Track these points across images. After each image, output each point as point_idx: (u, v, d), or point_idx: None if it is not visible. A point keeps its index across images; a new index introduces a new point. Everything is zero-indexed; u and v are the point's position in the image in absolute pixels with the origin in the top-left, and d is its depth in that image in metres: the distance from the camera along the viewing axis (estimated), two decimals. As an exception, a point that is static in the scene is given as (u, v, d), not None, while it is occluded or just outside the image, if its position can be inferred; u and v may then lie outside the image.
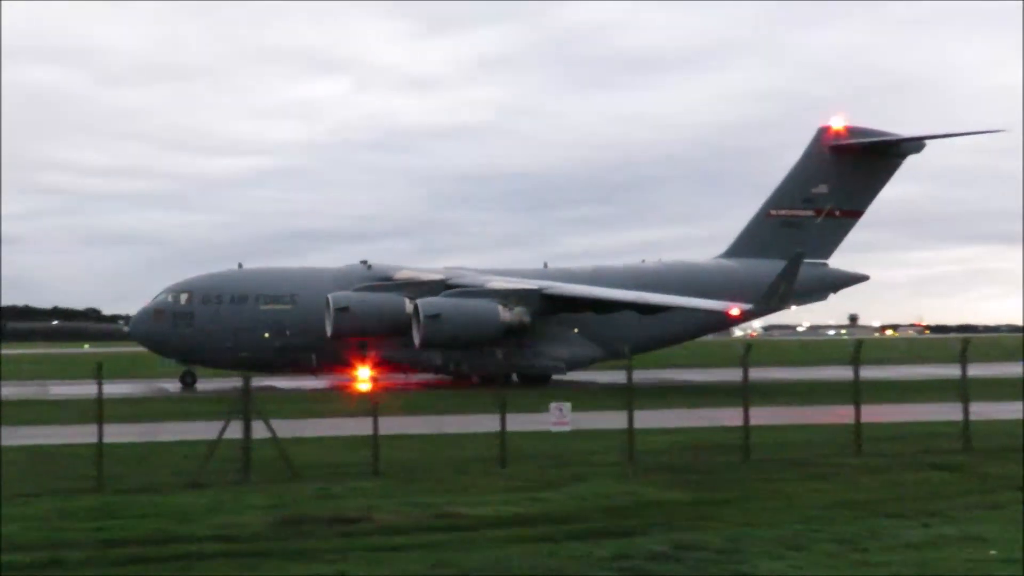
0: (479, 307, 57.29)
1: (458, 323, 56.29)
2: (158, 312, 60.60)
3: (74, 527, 18.38)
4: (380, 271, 62.16)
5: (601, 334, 62.06)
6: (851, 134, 67.04)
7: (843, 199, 67.40)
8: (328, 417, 39.27)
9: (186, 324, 59.86)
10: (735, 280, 65.00)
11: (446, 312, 56.40)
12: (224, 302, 60.40)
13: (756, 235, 67.89)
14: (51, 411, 43.39)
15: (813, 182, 67.19)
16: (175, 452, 28.63)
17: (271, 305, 60.43)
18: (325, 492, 21.74)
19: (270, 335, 59.93)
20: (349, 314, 57.33)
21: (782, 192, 68.13)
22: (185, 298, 60.36)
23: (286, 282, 61.59)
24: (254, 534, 17.79)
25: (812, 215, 67.18)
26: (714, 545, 16.54)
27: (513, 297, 58.35)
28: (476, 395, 48.20)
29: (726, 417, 33.37)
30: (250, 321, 60.03)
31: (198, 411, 40.97)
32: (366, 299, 58.27)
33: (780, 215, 67.62)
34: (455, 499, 20.79)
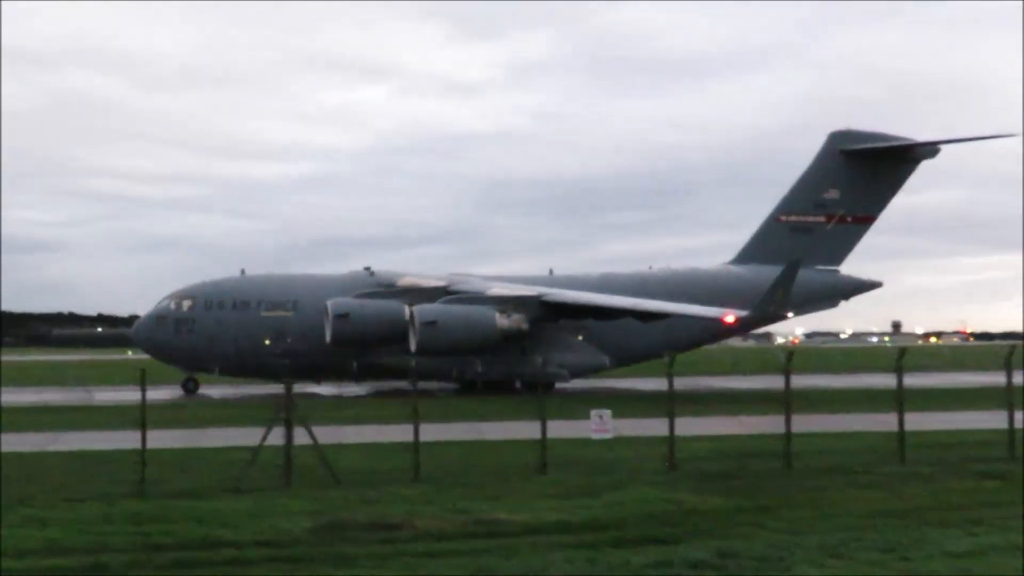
0: (475, 314, 56.95)
1: (454, 329, 55.99)
2: (160, 318, 60.63)
3: (118, 531, 18.53)
4: (383, 278, 61.94)
5: (607, 341, 61.69)
6: (863, 139, 66.20)
7: (855, 205, 66.48)
8: (367, 423, 39.35)
9: (188, 330, 59.87)
10: (743, 286, 64.17)
11: (442, 318, 56.13)
12: (226, 308, 60.29)
13: (766, 241, 66.97)
14: (95, 416, 43.73)
15: (824, 187, 66.31)
16: (218, 457, 28.80)
17: (272, 312, 60.31)
18: (366, 498, 21.80)
19: (271, 341, 59.83)
20: (348, 321, 57.08)
21: (793, 197, 67.22)
22: (187, 304, 60.40)
23: (288, 289, 61.45)
24: (296, 539, 17.86)
25: (823, 221, 66.37)
26: (756, 553, 16.43)
27: (511, 304, 57.96)
28: (513, 401, 48.20)
29: (767, 424, 33.23)
30: (251, 327, 59.92)
31: (240, 417, 41.20)
32: (365, 306, 57.97)
33: (790, 221, 66.78)
34: (495, 505, 20.79)
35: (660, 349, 65.20)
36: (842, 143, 66.07)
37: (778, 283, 53.26)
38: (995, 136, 67.60)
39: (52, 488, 23.57)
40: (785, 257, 63.96)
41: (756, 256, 66.69)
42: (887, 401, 31.64)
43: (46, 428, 38.28)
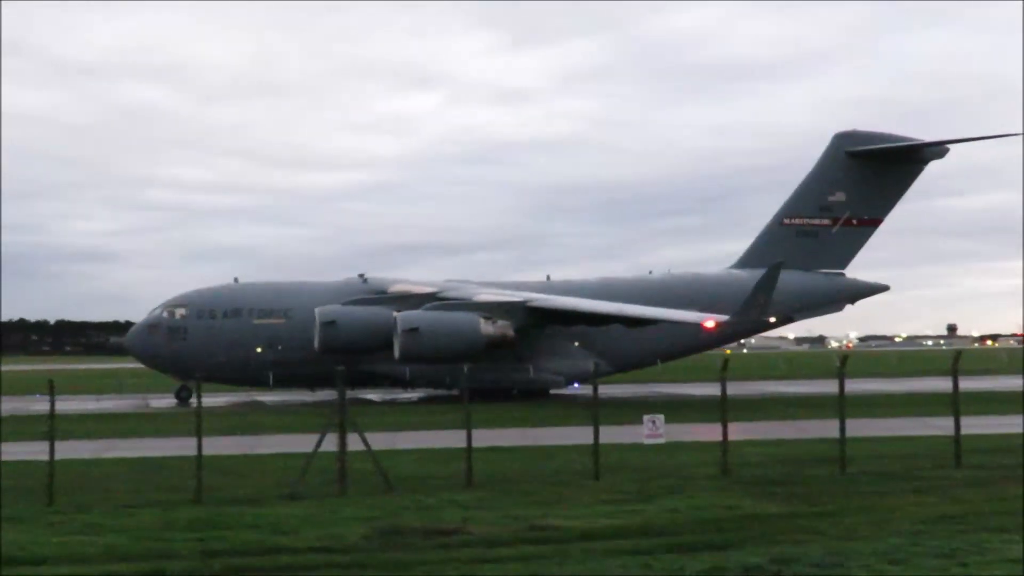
0: (459, 320, 56.26)
1: (437, 336, 55.30)
2: (153, 327, 60.55)
3: (176, 538, 18.70)
4: (376, 284, 61.40)
5: (605, 347, 60.99)
6: (869, 140, 65.33)
7: (861, 207, 65.58)
8: (420, 429, 39.51)
9: (180, 339, 59.67)
10: (745, 291, 63.31)
11: (424, 325, 55.46)
12: (218, 317, 60.10)
13: (770, 245, 66.10)
14: (152, 424, 44.19)
15: (830, 190, 65.48)
16: (273, 464, 29.01)
17: (264, 319, 60.04)
18: (420, 504, 21.88)
19: (263, 349, 59.52)
20: (336, 328, 56.71)
21: (797, 200, 66.41)
22: (180, 313, 60.23)
23: (281, 296, 61.10)
24: (352, 546, 17.94)
25: (829, 224, 65.56)
26: (812, 559, 16.32)
27: (497, 310, 57.24)
28: (564, 407, 48.18)
29: (821, 429, 33.00)
30: (243, 335, 59.62)
31: (294, 424, 41.49)
32: (353, 313, 57.56)
33: (795, 224, 66.02)
34: (549, 511, 20.79)
35: (659, 354, 65.08)
36: (847, 145, 65.22)
37: (759, 287, 52.39)
38: (1001, 135, 66.49)
39: (110, 495, 23.84)
40: (790, 260, 63.63)
41: (760, 260, 65.21)
42: (942, 405, 31.34)
43: (104, 435, 38.70)
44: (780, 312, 64.43)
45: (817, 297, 65.42)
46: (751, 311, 52.70)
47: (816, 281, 64.81)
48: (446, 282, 63.76)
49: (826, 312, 67.41)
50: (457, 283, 63.45)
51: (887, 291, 68.62)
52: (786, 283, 62.89)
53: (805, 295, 64.88)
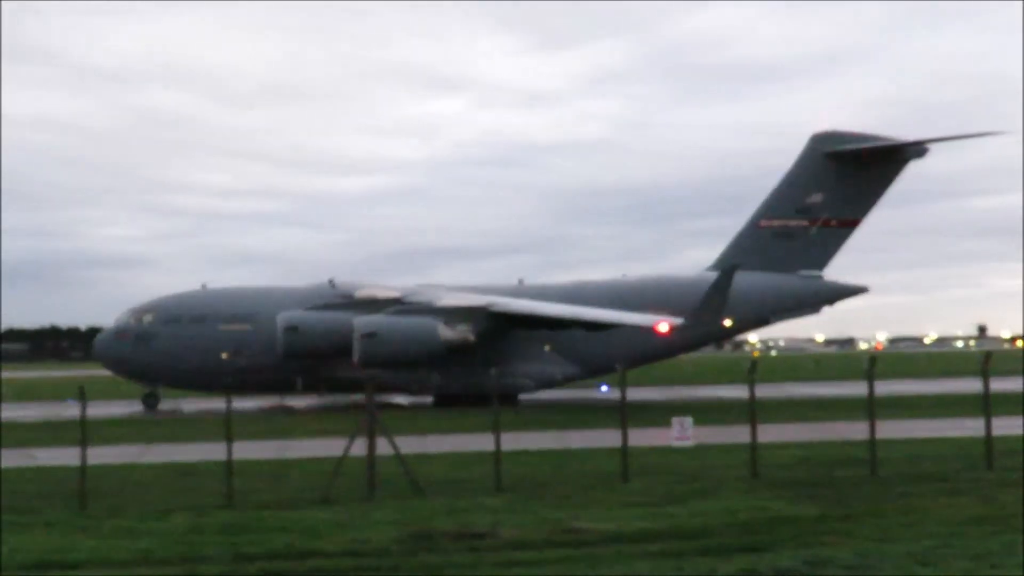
0: (417, 325, 55.69)
1: (395, 341, 54.86)
2: (120, 333, 60.10)
3: (208, 542, 18.80)
4: (344, 289, 60.73)
5: (577, 351, 60.25)
6: (847, 140, 64.48)
7: (840, 208, 64.65)
8: (448, 433, 39.57)
9: (146, 345, 59.28)
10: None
11: (382, 330, 54.99)
12: (183, 322, 59.59)
13: (746, 247, 65.09)
14: (183, 429, 44.41)
15: (808, 191, 64.50)
16: (303, 468, 29.12)
17: (230, 325, 59.45)
18: (450, 507, 21.92)
19: (228, 355, 58.92)
20: (298, 334, 56.17)
21: (774, 202, 65.41)
22: (146, 319, 59.82)
23: (248, 302, 60.56)
24: (382, 550, 17.99)
25: (806, 225, 64.57)
26: (844, 561, 16.28)
27: (458, 315, 56.61)
28: (593, 410, 48.16)
29: (851, 431, 32.89)
30: (209, 342, 59.05)
31: (323, 428, 41.62)
32: (315, 318, 56.96)
33: (772, 225, 64.97)
34: (580, 514, 20.80)
35: (633, 358, 62.22)
36: (825, 145, 64.36)
37: (713, 291, 51.67)
38: (982, 134, 65.36)
39: (142, 500, 23.99)
40: (766, 263, 63.52)
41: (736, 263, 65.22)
42: (973, 406, 31.19)
43: (136, 441, 38.92)
44: (755, 315, 64.32)
45: (793, 299, 64.55)
46: (705, 314, 51.99)
47: (793, 283, 64.02)
48: (417, 286, 63.07)
49: (803, 314, 66.34)
50: (426, 287, 62.77)
51: (866, 292, 67.54)
52: (761, 285, 63.15)
53: (781, 297, 64.14)
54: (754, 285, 62.70)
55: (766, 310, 64.32)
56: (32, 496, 25.01)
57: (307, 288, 61.60)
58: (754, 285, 62.70)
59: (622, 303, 60.32)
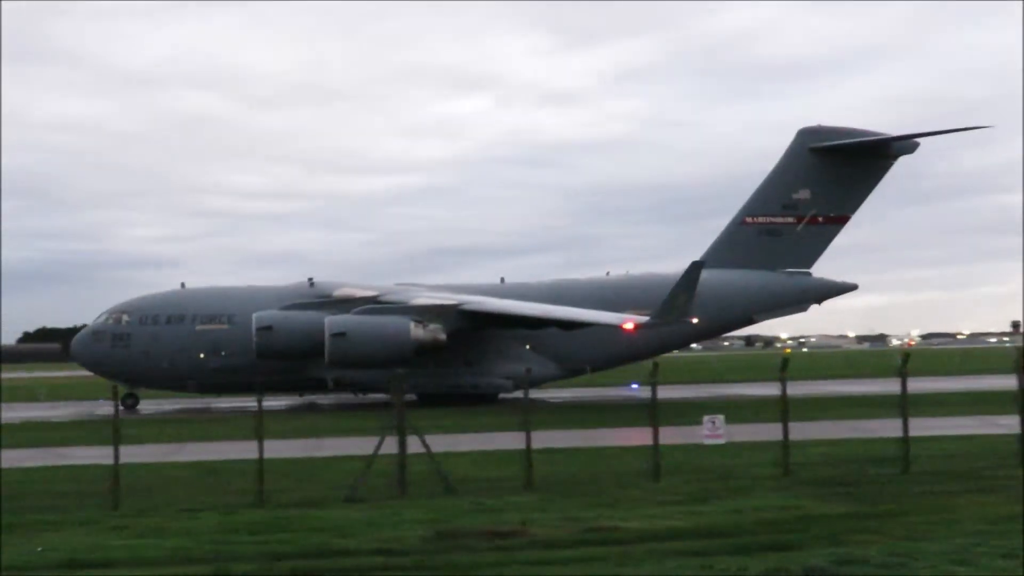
0: (388, 324, 55.09)
1: (365, 341, 54.27)
2: (97, 333, 59.90)
3: (238, 541, 18.87)
4: (322, 288, 60.28)
5: (558, 350, 59.85)
6: (834, 135, 63.67)
7: (827, 204, 63.89)
8: (478, 432, 39.58)
9: (123, 345, 58.99)
10: (706, 292, 60.36)
11: (351, 329, 54.48)
12: (160, 323, 59.31)
13: (731, 244, 64.47)
14: (214, 428, 44.62)
15: (794, 187, 63.74)
16: (332, 467, 29.18)
17: (207, 325, 59.13)
18: (480, 506, 21.91)
19: (206, 355, 58.67)
20: (272, 333, 55.71)
21: (759, 198, 64.64)
22: (123, 319, 59.56)
23: (225, 301, 60.13)
24: (412, 548, 18.01)
25: (793, 222, 63.84)
26: (876, 559, 16.19)
27: (429, 314, 56.17)
28: (620, 408, 48.08)
29: (883, 428, 32.69)
30: (186, 341, 58.81)
31: (354, 427, 41.70)
32: (289, 318, 56.53)
33: (757, 223, 64.31)
34: (609, 513, 20.76)
35: (615, 358, 63.33)
36: (812, 141, 63.64)
37: (679, 287, 51.20)
38: (970, 128, 64.07)
39: (174, 499, 24.10)
40: (752, 260, 62.95)
41: (721, 260, 63.85)
42: (1006, 403, 30.92)
43: (167, 440, 39.13)
44: (739, 313, 63.98)
45: (780, 297, 63.96)
46: (672, 312, 51.36)
47: (779, 281, 63.46)
48: (396, 285, 62.64)
49: (790, 312, 65.55)
50: (404, 286, 62.30)
51: (855, 290, 66.84)
52: (745, 283, 62.76)
53: (767, 295, 63.64)
54: (738, 283, 62.52)
55: (750, 308, 63.85)
56: (65, 495, 25.18)
57: (286, 288, 61.25)
58: (738, 283, 62.52)
59: (603, 302, 59.83)
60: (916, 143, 64.15)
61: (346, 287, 60.32)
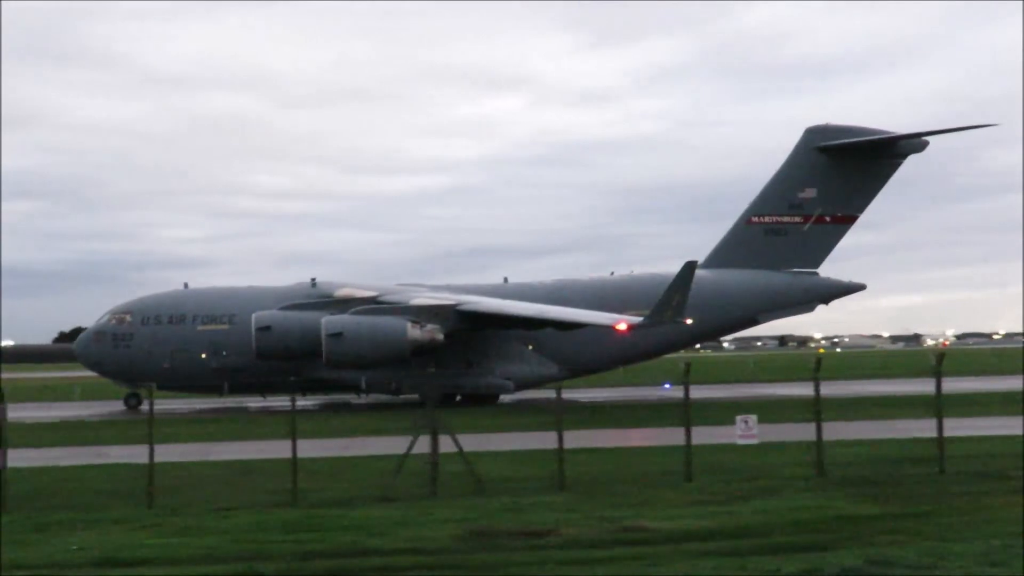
0: (385, 324, 54.98)
1: (362, 341, 54.26)
2: (99, 334, 60.03)
3: (271, 539, 18.95)
4: (324, 289, 60.11)
5: (560, 351, 59.61)
6: (841, 134, 63.11)
7: (834, 204, 63.28)
8: (509, 431, 39.57)
9: (125, 345, 59.07)
10: (707, 291, 61.20)
11: (349, 330, 54.39)
12: (162, 323, 59.39)
13: (737, 244, 63.97)
14: (247, 427, 44.82)
15: (800, 186, 63.22)
16: (364, 467, 29.24)
17: (209, 325, 59.12)
18: (512, 506, 21.92)
19: (207, 355, 58.68)
20: (271, 333, 55.66)
21: (765, 198, 64.10)
22: (125, 319, 59.69)
23: (227, 302, 60.05)
24: (444, 547, 18.04)
25: (799, 222, 63.24)
26: (910, 560, 16.08)
27: (426, 314, 55.98)
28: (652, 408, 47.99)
29: (917, 428, 32.49)
30: (187, 342, 58.89)
31: (385, 427, 41.78)
32: (288, 318, 56.45)
33: (763, 222, 63.71)
34: (641, 512, 20.71)
35: (617, 359, 63.07)
36: (818, 140, 63.08)
37: (673, 288, 50.71)
38: (975, 127, 63.08)
39: (207, 498, 24.21)
40: (758, 260, 62.44)
41: (726, 260, 63.69)
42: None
43: (201, 439, 39.32)
44: (742, 313, 63.46)
45: (784, 297, 63.46)
46: (665, 312, 51.06)
47: (783, 281, 63.03)
48: (397, 286, 62.41)
49: (796, 313, 64.98)
50: (405, 287, 62.06)
51: (863, 290, 66.03)
52: (748, 283, 62.28)
53: (769, 295, 63.13)
54: (741, 283, 62.15)
55: (754, 308, 63.37)
56: (100, 493, 25.35)
57: (288, 288, 61.20)
58: (741, 283, 62.15)
59: (605, 302, 59.56)
60: (925, 142, 63.44)
61: (347, 287, 60.29)
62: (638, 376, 69.67)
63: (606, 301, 59.83)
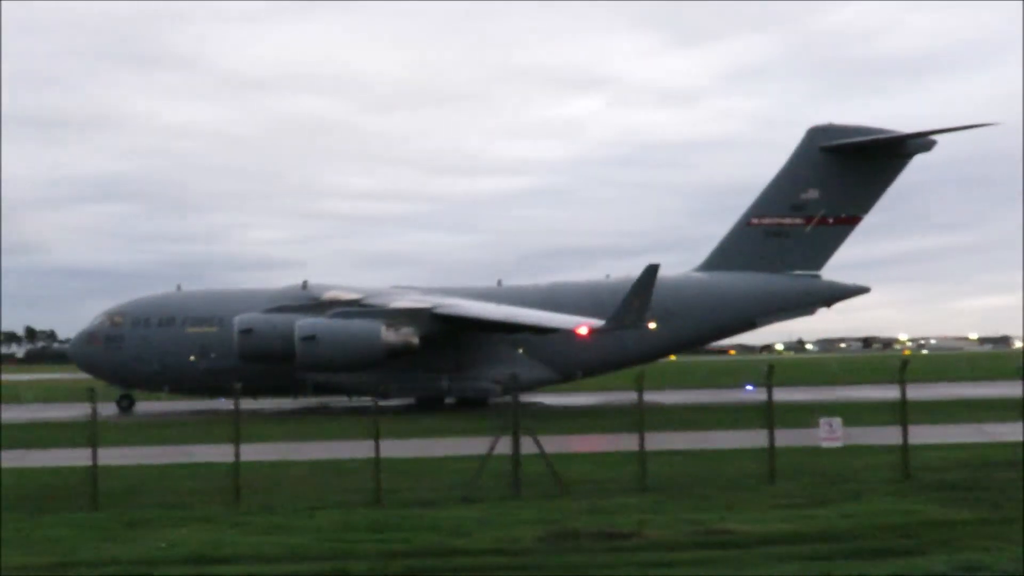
0: (358, 328, 54.67)
1: (334, 344, 54.03)
2: (92, 336, 60.42)
3: (357, 539, 19.15)
4: (314, 291, 59.77)
5: (552, 354, 59.00)
6: (846, 133, 61.70)
7: (837, 205, 61.95)
8: (591, 433, 39.56)
9: (117, 347, 59.45)
10: (702, 294, 61.03)
11: (321, 333, 54.17)
12: (152, 325, 59.68)
13: (737, 246, 62.77)
14: (331, 426, 45.25)
15: (802, 187, 61.94)
16: (447, 467, 29.41)
17: (197, 328, 59.23)
18: (594, 507, 21.92)
19: (195, 358, 58.82)
20: (253, 336, 55.50)
21: (766, 199, 62.86)
22: (118, 321, 60.08)
23: (217, 304, 59.95)
24: (526, 548, 18.09)
25: (801, 223, 61.98)
26: (999, 567, 15.85)
27: (402, 317, 55.58)
28: (733, 410, 47.63)
29: (1007, 432, 31.98)
30: (176, 344, 59.05)
31: (467, 427, 41.97)
32: (269, 320, 56.13)
33: (763, 224, 62.52)
34: (725, 515, 20.61)
35: (611, 363, 61.80)
36: (822, 139, 61.79)
37: (633, 293, 50.18)
38: (978, 125, 61.05)
39: (293, 497, 24.51)
40: (758, 262, 61.41)
41: (726, 262, 62.73)
42: None
43: (285, 438, 39.79)
44: (738, 317, 62.56)
45: (782, 300, 62.28)
46: (626, 316, 50.53)
47: (783, 283, 61.90)
48: (388, 287, 62.18)
49: (795, 316, 63.75)
50: (391, 289, 61.87)
51: (867, 293, 64.64)
52: (744, 286, 61.36)
53: (767, 298, 62.03)
54: (736, 286, 61.35)
55: (749, 311, 62.41)
56: (188, 492, 25.77)
57: (277, 291, 61.11)
58: (736, 286, 61.35)
59: (598, 304, 58.50)
60: (933, 141, 61.97)
61: (334, 290, 60.09)
62: (719, 378, 69.20)
63: (599, 304, 58.89)
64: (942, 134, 61.44)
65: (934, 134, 61.69)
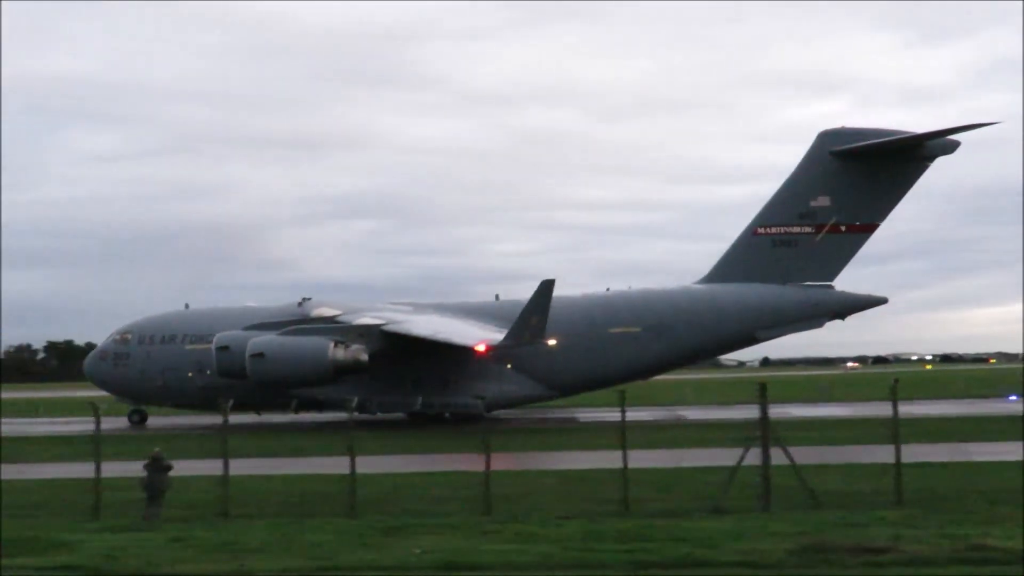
0: (306, 345, 55.01)
1: (282, 362, 54.47)
2: (103, 353, 62.58)
3: (604, 549, 19.21)
4: (308, 308, 60.26)
5: (541, 370, 57.50)
6: (858, 137, 57.65)
7: (850, 212, 58.00)
8: (842, 444, 38.65)
9: (123, 364, 61.27)
10: (698, 307, 58.21)
11: (270, 351, 54.67)
12: (156, 342, 61.21)
13: (742, 257, 59.58)
14: (577, 437, 45.60)
15: (812, 194, 58.28)
16: (694, 478, 29.24)
17: (196, 345, 60.19)
18: (847, 520, 21.41)
19: (193, 374, 59.89)
20: (228, 353, 56.02)
21: (773, 208, 59.41)
22: (126, 339, 61.83)
23: (216, 322, 60.60)
24: (778, 561, 17.80)
25: (811, 232, 58.26)
26: None
27: (353, 334, 55.40)
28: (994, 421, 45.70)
29: None
30: (176, 361, 60.44)
31: (715, 438, 41.62)
32: (244, 338, 56.42)
33: (769, 233, 59.06)
34: (988, 531, 19.78)
35: (603, 379, 59.41)
36: (832, 144, 58.06)
37: (529, 308, 48.36)
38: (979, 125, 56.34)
39: (541, 506, 24.82)
40: (765, 273, 58.18)
41: (731, 274, 59.68)
42: None
43: (534, 448, 40.24)
44: (737, 331, 59.48)
45: (785, 313, 58.91)
46: (523, 332, 49.31)
47: (788, 295, 58.54)
48: (389, 304, 61.96)
49: (801, 329, 60.07)
50: (393, 305, 61.67)
51: (884, 303, 60.58)
52: (744, 299, 58.35)
53: (769, 311, 58.72)
54: (736, 298, 58.60)
55: (750, 325, 59.42)
56: (440, 500, 26.43)
57: (274, 308, 62.18)
58: (736, 298, 58.60)
59: (592, 320, 57.84)
60: (956, 142, 57.99)
61: (322, 307, 60.68)
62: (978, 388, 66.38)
63: (592, 319, 58.44)
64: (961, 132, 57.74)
65: (949, 133, 58.04)
